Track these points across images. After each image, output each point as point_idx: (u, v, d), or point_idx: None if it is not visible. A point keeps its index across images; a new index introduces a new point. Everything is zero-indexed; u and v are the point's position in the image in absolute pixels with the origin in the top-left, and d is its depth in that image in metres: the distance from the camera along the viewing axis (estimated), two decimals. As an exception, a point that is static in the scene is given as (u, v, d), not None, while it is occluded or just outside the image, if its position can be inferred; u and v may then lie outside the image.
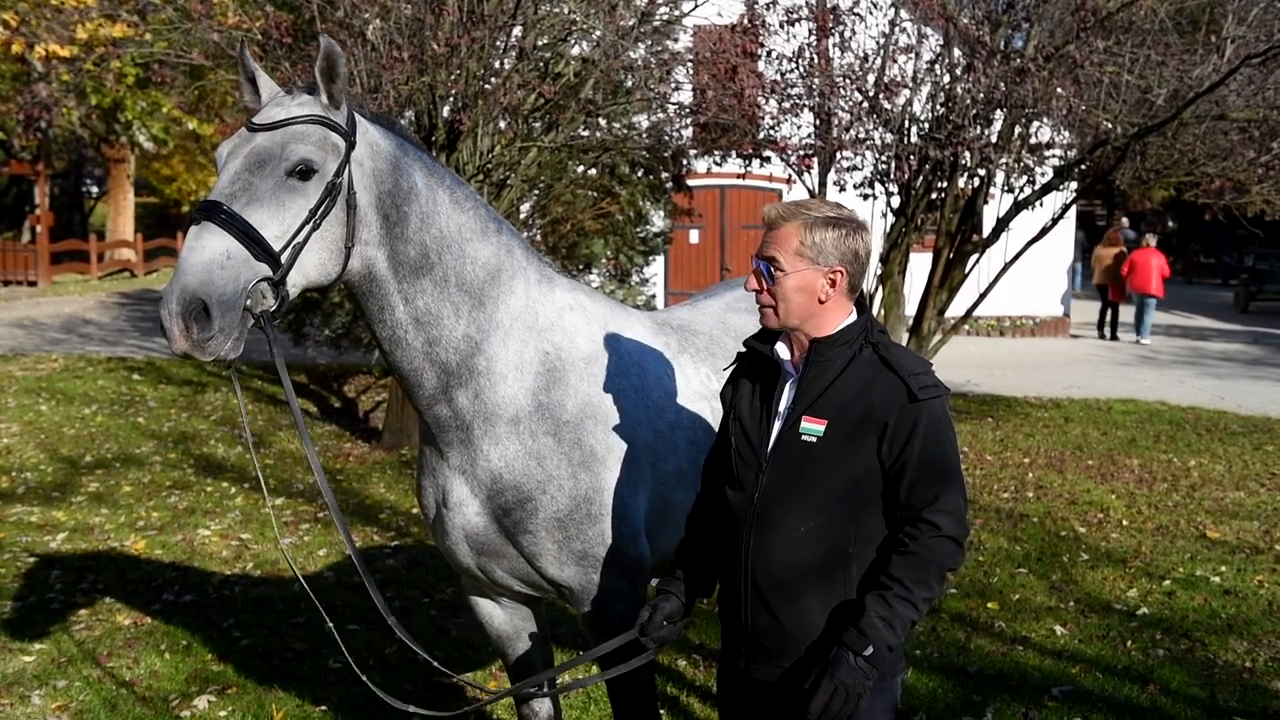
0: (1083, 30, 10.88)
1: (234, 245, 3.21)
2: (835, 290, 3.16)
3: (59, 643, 6.56)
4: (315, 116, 3.44)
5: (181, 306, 3.13)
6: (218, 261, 3.18)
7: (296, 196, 3.35)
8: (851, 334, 3.18)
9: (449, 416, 3.80)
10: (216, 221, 3.21)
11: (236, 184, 3.31)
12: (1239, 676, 6.34)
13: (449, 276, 3.71)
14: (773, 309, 3.20)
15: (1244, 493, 10.59)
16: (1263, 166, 11.95)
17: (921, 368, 3.14)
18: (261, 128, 3.41)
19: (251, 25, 11.66)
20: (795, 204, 3.22)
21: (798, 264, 3.13)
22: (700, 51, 12.82)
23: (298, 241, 3.33)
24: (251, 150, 3.37)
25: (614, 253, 15.87)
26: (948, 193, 12.32)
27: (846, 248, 3.14)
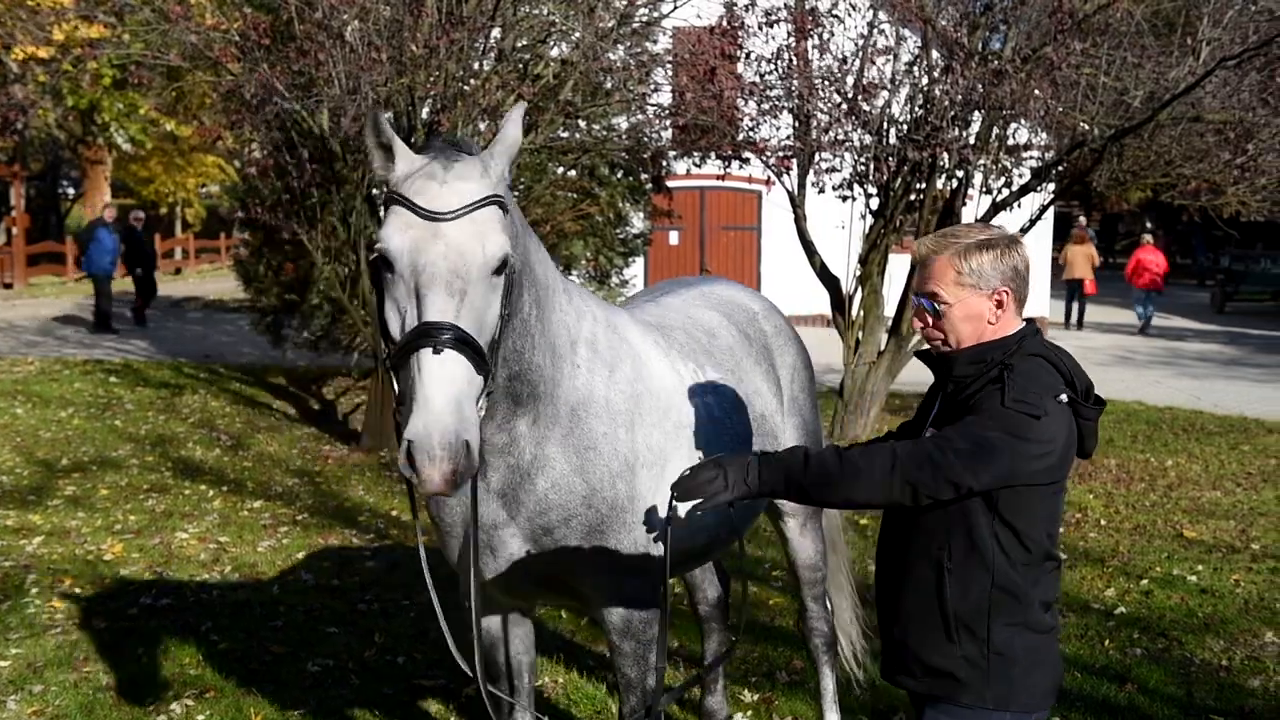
0: (1060, 32, 10.93)
1: (469, 367, 3.02)
2: (1004, 311, 3.17)
3: (35, 647, 6.51)
4: (492, 197, 3.18)
5: (447, 450, 2.91)
6: (466, 393, 3.00)
7: (496, 294, 3.17)
8: (987, 352, 3.16)
9: (504, 443, 3.64)
10: (452, 346, 2.99)
11: (453, 296, 3.06)
12: (1215, 675, 6.36)
13: (531, 310, 3.54)
14: (943, 341, 3.22)
15: (1220, 492, 10.64)
16: (1238, 168, 12.02)
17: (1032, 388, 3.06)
18: (445, 217, 3.10)
19: (229, 27, 11.63)
20: (944, 234, 3.24)
21: (960, 293, 3.15)
22: (679, 53, 12.83)
23: (495, 339, 3.19)
24: (452, 249, 3.07)
25: (594, 254, 15.88)
26: (926, 194, 12.35)
27: (1006, 266, 3.16)
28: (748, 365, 4.67)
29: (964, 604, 3.12)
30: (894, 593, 3.30)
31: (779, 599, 7.45)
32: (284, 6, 11.06)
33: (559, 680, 6.19)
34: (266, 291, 16.08)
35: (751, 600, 6.93)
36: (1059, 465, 3.09)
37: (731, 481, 3.13)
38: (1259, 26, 11.30)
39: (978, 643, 3.13)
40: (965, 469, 2.98)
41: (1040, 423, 3.00)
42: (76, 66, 16.37)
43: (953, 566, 3.13)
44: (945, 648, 3.15)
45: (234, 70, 11.49)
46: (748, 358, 4.72)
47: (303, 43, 10.67)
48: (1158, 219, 41.28)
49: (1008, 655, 3.12)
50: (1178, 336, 24.81)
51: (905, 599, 3.24)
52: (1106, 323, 26.63)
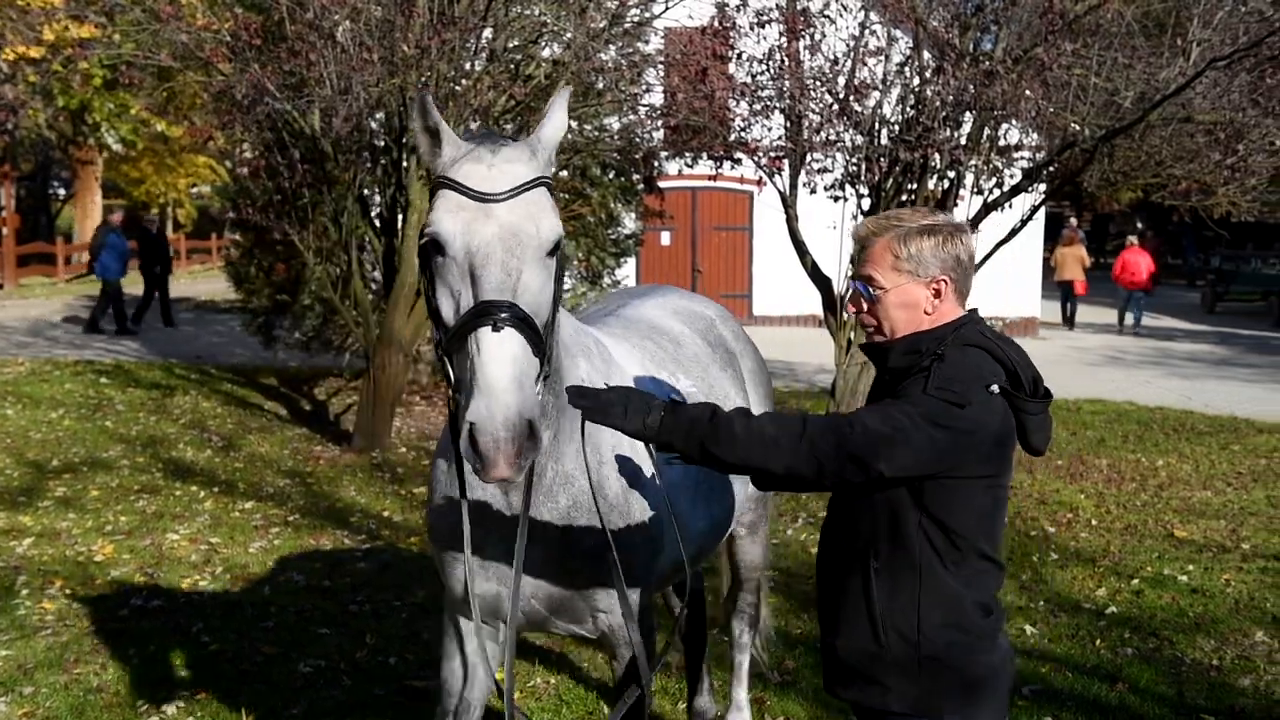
0: (1050, 33, 10.95)
1: (526, 346, 2.91)
2: (941, 300, 3.04)
3: (25, 649, 6.49)
4: (540, 178, 3.11)
5: (512, 432, 2.81)
6: (527, 373, 2.89)
7: (549, 276, 3.08)
8: (920, 342, 3.04)
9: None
10: (512, 324, 2.89)
11: (510, 275, 2.97)
12: (1206, 674, 6.38)
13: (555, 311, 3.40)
14: (876, 328, 3.11)
15: (1211, 492, 10.66)
16: (1228, 169, 12.04)
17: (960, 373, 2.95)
18: (497, 198, 3.03)
19: (220, 27, 11.61)
20: (886, 217, 3.12)
21: (897, 279, 3.03)
22: (671, 54, 12.85)
23: (550, 322, 3.08)
24: (506, 230, 3.00)
25: (585, 254, 15.88)
26: (918, 195, 12.35)
27: (948, 254, 3.03)
28: (715, 372, 4.62)
29: (891, 605, 3.01)
30: (828, 599, 3.22)
31: (774, 599, 7.45)
32: (275, 7, 11.05)
33: (550, 681, 6.19)
34: (258, 292, 16.06)
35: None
36: (988, 459, 2.96)
37: (630, 414, 3.03)
38: (1249, 28, 11.31)
39: (907, 646, 3.00)
40: (871, 447, 2.85)
41: (963, 411, 2.88)
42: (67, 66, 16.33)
43: (880, 566, 3.02)
44: (874, 652, 3.04)
45: (225, 70, 11.48)
46: (714, 364, 4.68)
47: (294, 43, 10.66)
48: (1148, 219, 41.37)
49: (940, 659, 2.99)
50: (1168, 336, 24.90)
51: (837, 605, 3.15)
52: (1098, 323, 26.72)
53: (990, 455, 2.96)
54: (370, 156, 11.87)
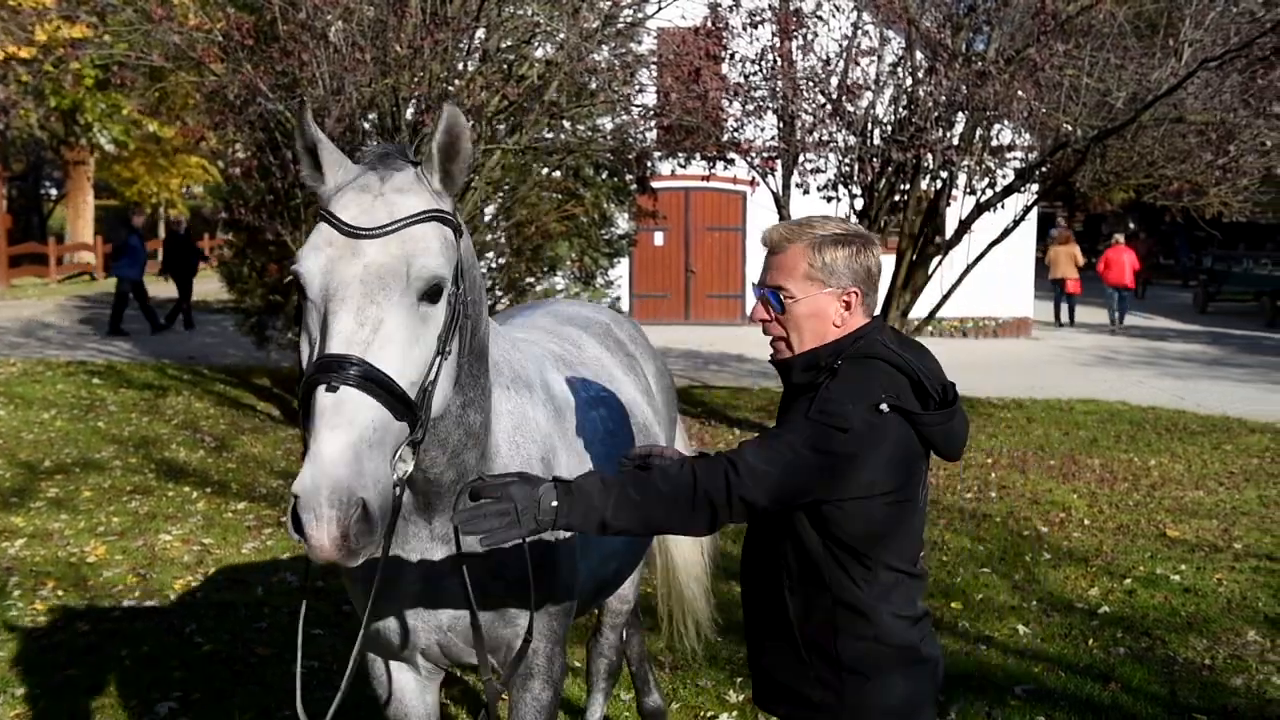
0: (1043, 33, 10.98)
1: (379, 411, 2.54)
2: (850, 312, 2.95)
3: (18, 650, 6.49)
4: (431, 212, 2.76)
5: (338, 509, 2.43)
6: (366, 439, 2.51)
7: (427, 326, 2.71)
8: (822, 356, 2.94)
9: (450, 481, 3.19)
10: (354, 384, 2.52)
11: (365, 325, 2.60)
12: (1198, 674, 6.39)
13: (485, 330, 3.17)
14: (784, 341, 2.99)
15: (1203, 492, 10.69)
16: (1220, 169, 12.08)
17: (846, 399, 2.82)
18: (366, 234, 2.67)
19: (213, 27, 11.60)
20: (798, 224, 3.01)
21: (808, 288, 2.93)
22: (664, 54, 12.83)
23: (430, 379, 2.70)
24: (367, 271, 2.64)
25: (579, 255, 15.89)
26: (910, 195, 12.39)
27: (860, 265, 2.94)
28: (619, 375, 4.44)
29: (808, 624, 2.96)
30: (752, 618, 3.17)
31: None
32: (267, 7, 11.04)
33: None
34: (251, 292, 16.03)
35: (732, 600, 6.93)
36: (882, 479, 2.84)
37: (522, 517, 2.72)
38: (1240, 28, 11.34)
39: (828, 662, 2.95)
40: (754, 487, 2.76)
41: (846, 435, 2.77)
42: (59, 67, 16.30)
43: (794, 585, 2.96)
44: (799, 669, 2.99)
45: (217, 71, 11.47)
46: (616, 367, 4.50)
47: (286, 43, 10.65)
48: (1140, 220, 41.42)
49: (860, 672, 2.93)
50: (1160, 337, 24.94)
51: (761, 624, 3.10)
52: (1090, 323, 26.77)
53: (883, 474, 2.84)
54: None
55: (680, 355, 20.20)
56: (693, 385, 16.82)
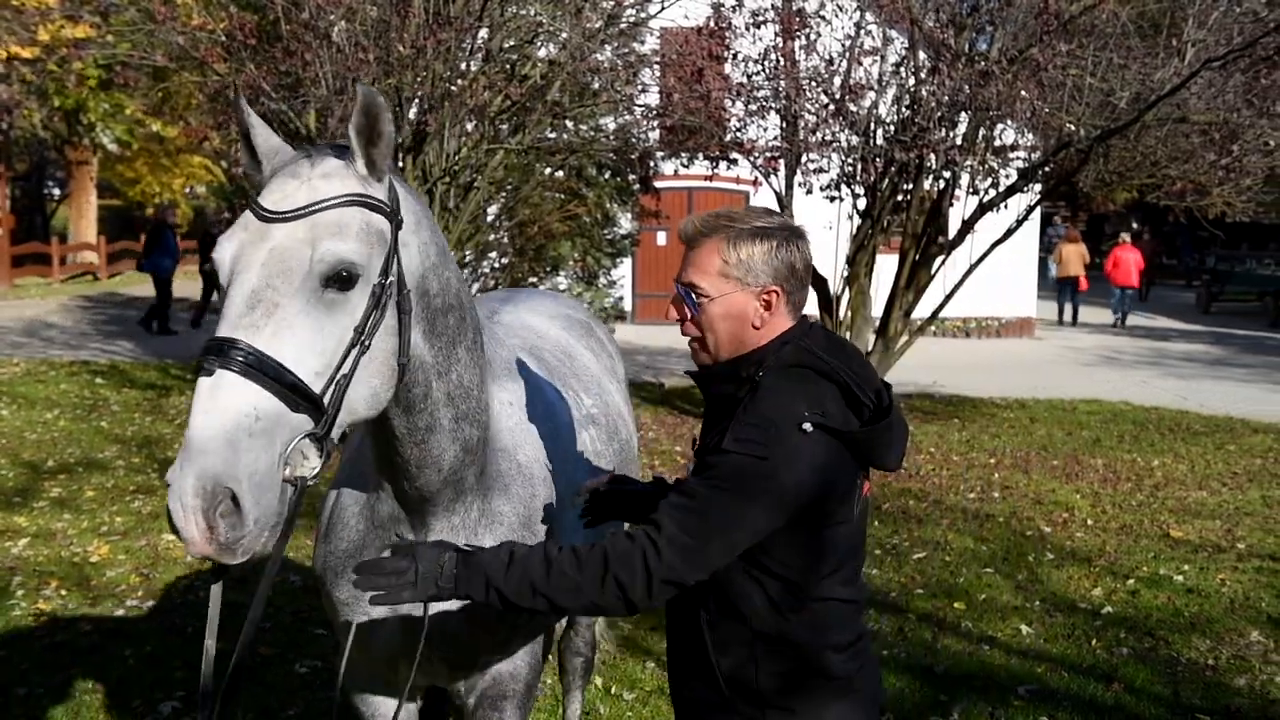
0: (1046, 33, 10.97)
1: (264, 399, 2.36)
2: (771, 313, 2.69)
3: (21, 650, 6.49)
4: (352, 196, 2.58)
5: (203, 499, 2.27)
6: (244, 426, 2.33)
7: (337, 314, 2.51)
8: (742, 365, 2.71)
9: (450, 499, 3.08)
10: (236, 368, 2.36)
11: (259, 308, 2.43)
12: (1202, 674, 6.39)
13: (476, 336, 3.04)
14: (700, 342, 2.77)
15: (1206, 492, 10.68)
16: (1223, 169, 12.07)
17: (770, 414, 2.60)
18: (278, 217, 2.52)
19: (215, 27, 11.61)
20: (716, 215, 2.75)
21: (723, 286, 2.68)
22: (667, 54, 12.86)
23: (344, 374, 2.51)
24: (270, 254, 2.48)
25: (581, 255, 15.90)
26: (913, 195, 12.38)
27: (781, 261, 2.68)
28: (607, 384, 4.29)
29: (726, 658, 2.72)
30: (673, 649, 2.93)
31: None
32: (270, 6, 11.04)
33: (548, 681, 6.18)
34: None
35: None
36: (811, 505, 2.60)
37: (421, 580, 2.59)
38: (1244, 28, 11.34)
39: (751, 697, 2.72)
40: (682, 564, 2.56)
41: (770, 465, 2.54)
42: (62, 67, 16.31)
43: (712, 619, 2.73)
44: (720, 702, 2.76)
45: (220, 70, 11.48)
46: (604, 375, 4.36)
47: (289, 43, 10.66)
48: (1143, 219, 41.40)
49: (788, 708, 2.71)
50: (1164, 337, 24.93)
51: (681, 656, 2.86)
52: (1093, 323, 26.78)
53: (810, 499, 2.60)
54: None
55: (683, 355, 20.16)
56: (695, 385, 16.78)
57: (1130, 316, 26.59)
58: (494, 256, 14.61)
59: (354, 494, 3.29)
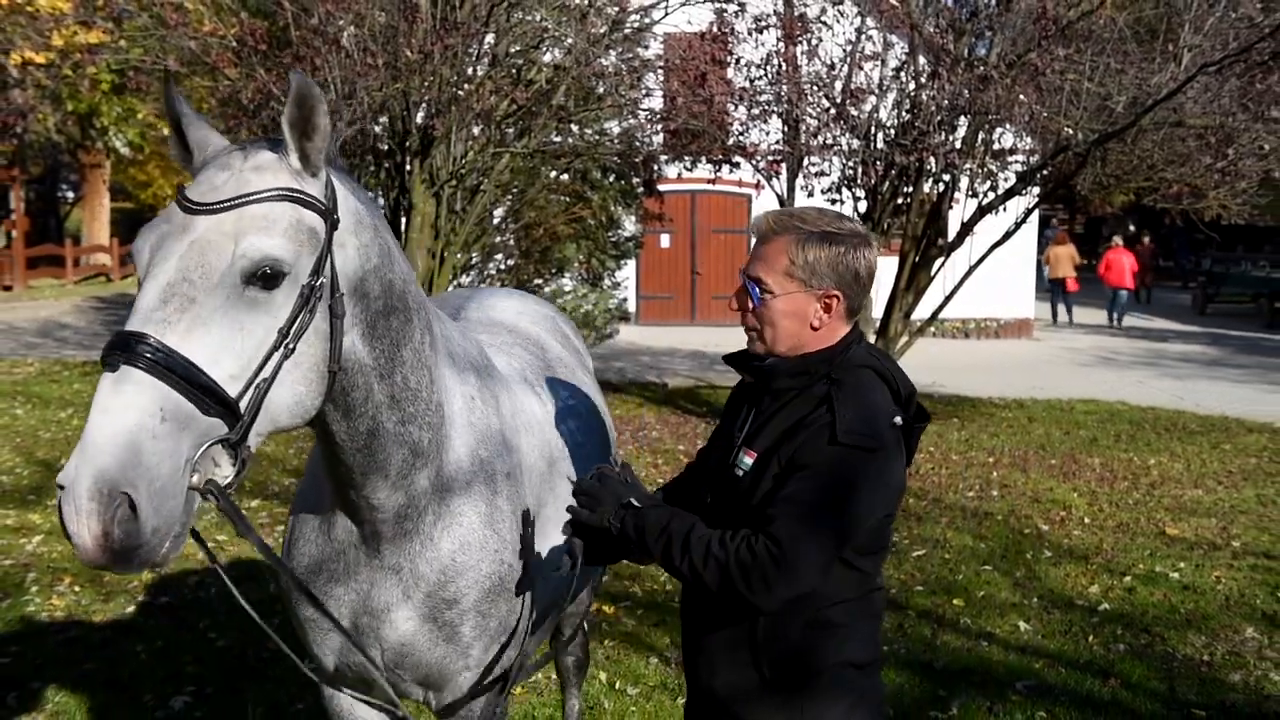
0: (1044, 39, 10.98)
1: (171, 399, 2.17)
2: (830, 316, 2.71)
3: (36, 645, 6.50)
4: (282, 190, 2.39)
5: (99, 503, 2.08)
6: (147, 428, 2.14)
7: (259, 314, 2.32)
8: (810, 363, 2.72)
9: (400, 505, 2.89)
10: (142, 365, 2.16)
11: (172, 303, 2.24)
12: (1197, 670, 6.38)
13: (423, 336, 2.84)
14: (758, 333, 2.77)
15: (1202, 490, 10.67)
16: (1218, 172, 12.07)
17: (866, 416, 2.62)
18: (202, 209, 2.33)
19: (226, 32, 11.62)
20: (789, 215, 2.76)
21: (787, 285, 2.69)
22: (670, 59, 12.87)
23: (264, 378, 2.32)
24: (190, 247, 2.29)
25: (586, 257, 15.90)
26: (913, 198, 12.39)
27: (845, 267, 2.68)
28: (581, 376, 4.10)
29: (777, 645, 2.70)
30: (700, 631, 2.87)
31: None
32: (280, 12, 11.07)
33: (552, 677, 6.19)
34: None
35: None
36: (899, 493, 2.73)
37: (600, 515, 2.75)
38: (1239, 33, 11.34)
39: (794, 685, 2.71)
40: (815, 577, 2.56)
41: (877, 456, 2.59)
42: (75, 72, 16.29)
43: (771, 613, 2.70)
44: (758, 693, 2.73)
45: (231, 75, 11.50)
46: (579, 368, 4.19)
47: (299, 48, 10.68)
48: (1140, 222, 41.38)
49: (828, 697, 2.71)
50: (1160, 338, 24.91)
51: (712, 639, 2.81)
52: (1089, 323, 26.77)
53: (900, 488, 2.73)
54: (374, 160, 11.89)
55: (686, 356, 20.20)
56: (699, 385, 16.80)
57: (1127, 318, 26.59)
58: (500, 258, 14.61)
59: (313, 510, 3.11)
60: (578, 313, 15.34)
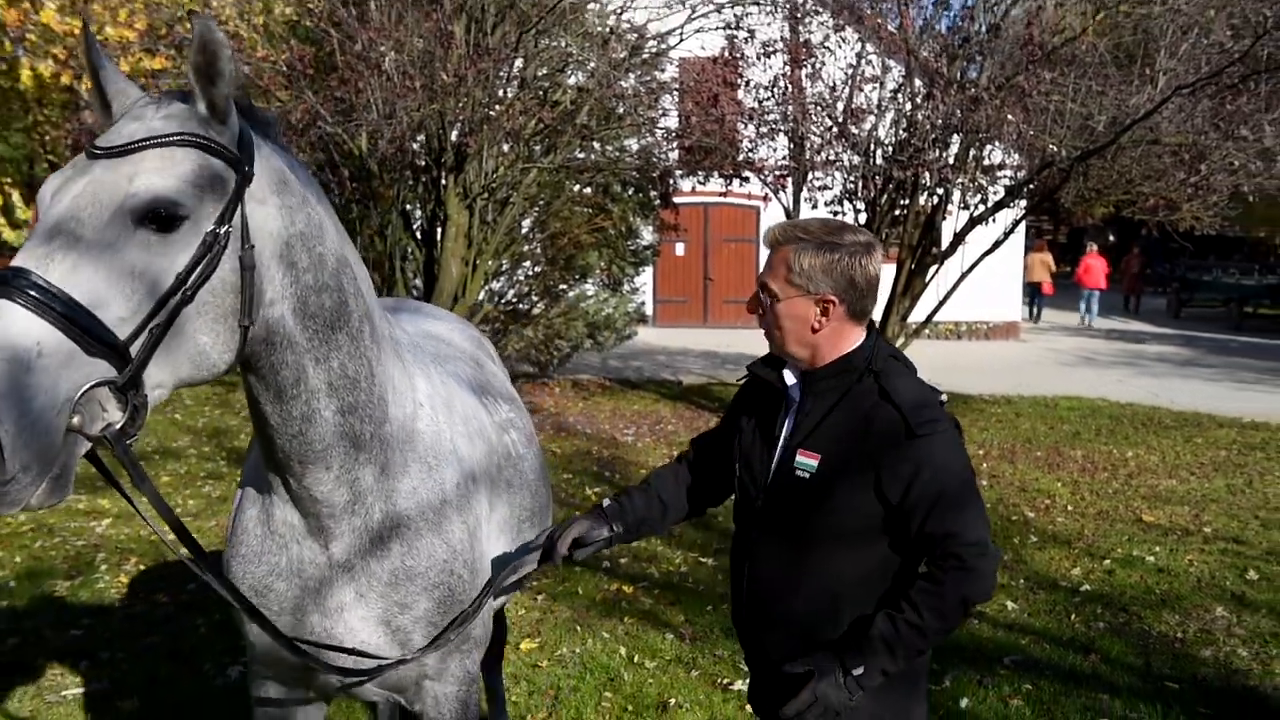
0: (1030, 63, 10.95)
1: (49, 334, 1.94)
2: (829, 319, 2.70)
3: (104, 619, 6.55)
4: (186, 135, 2.18)
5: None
6: (21, 361, 1.90)
7: (154, 256, 2.08)
8: (849, 363, 2.72)
9: (346, 501, 2.66)
10: (20, 299, 1.94)
11: (57, 239, 2.03)
12: (1171, 646, 6.37)
13: (362, 324, 2.58)
14: (770, 333, 2.80)
15: (1176, 480, 10.63)
16: (1192, 187, 12.05)
17: (922, 399, 2.65)
18: (104, 153, 2.15)
19: (278, 58, 11.67)
20: (794, 226, 2.76)
21: (789, 291, 2.70)
22: (685, 81, 12.86)
23: (157, 323, 2.08)
24: (85, 187, 2.10)
25: (607, 264, 15.90)
26: (909, 209, 12.36)
27: (839, 274, 2.67)
28: (509, 390, 3.87)
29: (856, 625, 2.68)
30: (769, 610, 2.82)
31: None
32: (327, 39, 11.10)
33: (575, 650, 6.20)
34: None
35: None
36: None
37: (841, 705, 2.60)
38: (1211, 58, 11.30)
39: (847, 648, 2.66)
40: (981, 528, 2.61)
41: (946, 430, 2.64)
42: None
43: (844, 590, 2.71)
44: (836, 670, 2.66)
45: (282, 97, 11.53)
46: (508, 383, 3.98)
47: (344, 72, 10.71)
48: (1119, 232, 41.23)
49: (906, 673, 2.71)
50: (1137, 339, 24.82)
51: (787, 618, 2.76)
52: (1070, 325, 26.71)
53: None
54: (412, 175, 11.92)
55: (699, 355, 20.20)
56: (710, 383, 16.81)
57: (1108, 321, 26.70)
58: (528, 265, 14.62)
59: (254, 497, 2.85)
60: (599, 315, 15.36)
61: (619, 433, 12.70)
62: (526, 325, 14.37)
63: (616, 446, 11.90)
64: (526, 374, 15.66)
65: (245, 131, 2.32)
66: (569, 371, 17.16)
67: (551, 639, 6.31)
